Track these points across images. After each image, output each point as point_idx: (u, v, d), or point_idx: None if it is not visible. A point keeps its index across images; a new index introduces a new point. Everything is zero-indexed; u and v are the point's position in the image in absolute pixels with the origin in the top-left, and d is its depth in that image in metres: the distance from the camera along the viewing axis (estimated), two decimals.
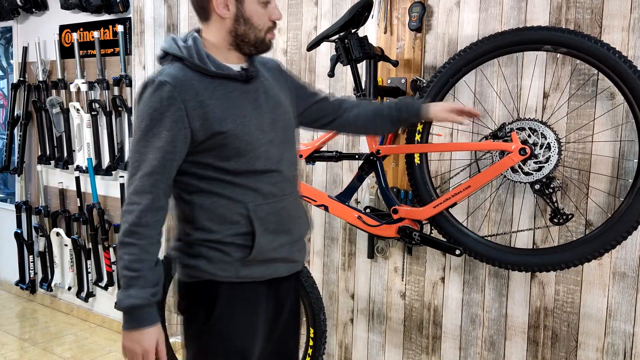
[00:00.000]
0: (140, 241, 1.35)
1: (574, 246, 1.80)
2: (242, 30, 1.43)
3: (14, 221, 4.06)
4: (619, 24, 1.88)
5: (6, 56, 4.28)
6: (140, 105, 1.38)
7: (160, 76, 1.37)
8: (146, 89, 1.38)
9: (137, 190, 1.35)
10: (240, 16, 1.42)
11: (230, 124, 1.39)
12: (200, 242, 1.44)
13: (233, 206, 1.42)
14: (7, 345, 3.40)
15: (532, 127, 1.80)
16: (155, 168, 1.35)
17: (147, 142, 1.36)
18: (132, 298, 1.34)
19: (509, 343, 2.18)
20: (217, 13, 1.41)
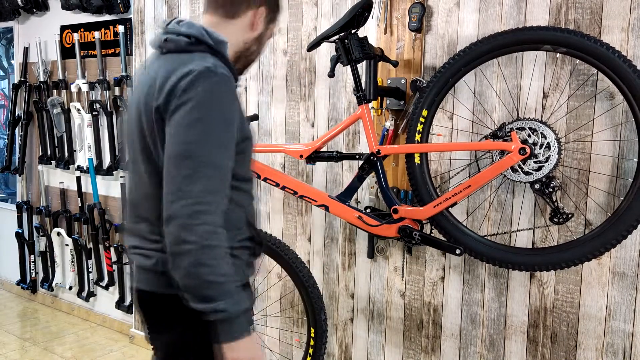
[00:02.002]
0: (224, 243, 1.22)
1: (574, 245, 1.81)
2: (254, 49, 1.44)
3: (15, 221, 4.07)
4: (619, 24, 1.88)
5: (7, 56, 4.28)
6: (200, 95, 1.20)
7: (218, 68, 1.25)
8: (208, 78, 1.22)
9: (214, 189, 1.20)
10: (260, 37, 1.43)
11: (249, 131, 1.36)
12: None
13: (237, 211, 1.36)
14: (8, 345, 3.41)
15: (532, 127, 1.81)
16: (227, 168, 1.24)
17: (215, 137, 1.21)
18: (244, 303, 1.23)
19: (509, 342, 2.19)
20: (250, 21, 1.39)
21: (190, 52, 1.29)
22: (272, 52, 2.75)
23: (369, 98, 2.10)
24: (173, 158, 1.21)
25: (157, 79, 1.26)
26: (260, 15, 1.40)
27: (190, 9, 3.05)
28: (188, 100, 1.21)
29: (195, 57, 1.27)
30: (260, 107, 2.81)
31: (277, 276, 2.80)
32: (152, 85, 1.27)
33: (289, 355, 2.80)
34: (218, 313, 1.19)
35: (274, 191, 2.79)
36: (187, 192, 1.18)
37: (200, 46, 1.30)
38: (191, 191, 1.18)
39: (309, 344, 2.33)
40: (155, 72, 1.29)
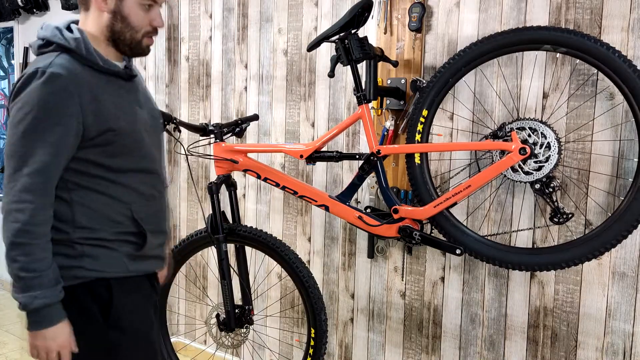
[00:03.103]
0: (36, 240, 1.30)
1: (574, 245, 1.81)
2: (119, 27, 1.42)
3: None
4: (619, 24, 1.88)
5: (7, 56, 4.28)
6: (25, 96, 1.31)
7: (51, 67, 1.31)
8: (34, 80, 1.30)
9: (27, 188, 1.29)
10: (117, 13, 1.41)
11: (122, 122, 1.39)
12: (82, 240, 1.40)
13: (116, 206, 1.43)
14: (8, 345, 3.40)
15: (532, 127, 1.81)
16: (47, 164, 1.31)
17: (36, 135, 1.29)
18: (42, 298, 1.30)
19: (509, 342, 2.19)
20: (95, 4, 1.40)
21: (42, 55, 1.39)
22: (272, 52, 2.75)
23: (369, 98, 2.10)
24: (4, 157, 1.35)
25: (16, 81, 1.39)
26: None
27: (191, 9, 3.05)
28: (16, 102, 1.32)
29: (40, 59, 1.36)
30: (260, 107, 2.81)
31: (277, 276, 2.80)
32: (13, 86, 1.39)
33: (289, 355, 2.80)
34: (19, 305, 1.32)
35: (274, 191, 2.79)
36: (8, 189, 1.31)
37: (50, 47, 1.38)
38: (11, 190, 1.31)
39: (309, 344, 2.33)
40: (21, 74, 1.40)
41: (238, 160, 2.21)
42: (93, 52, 1.39)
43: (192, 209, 3.16)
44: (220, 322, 2.32)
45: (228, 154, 2.22)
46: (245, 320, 2.32)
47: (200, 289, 3.14)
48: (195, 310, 3.20)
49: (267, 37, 2.77)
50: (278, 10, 2.71)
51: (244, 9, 2.84)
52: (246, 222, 2.87)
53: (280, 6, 2.70)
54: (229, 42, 2.92)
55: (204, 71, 3.03)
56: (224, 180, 2.26)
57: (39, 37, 1.41)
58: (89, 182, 1.39)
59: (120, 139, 1.39)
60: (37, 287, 1.30)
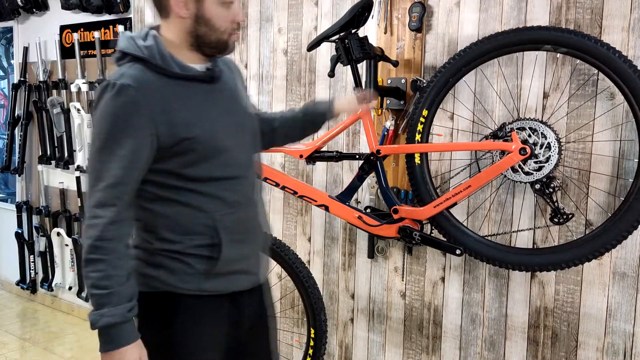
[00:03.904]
0: (107, 256, 1.26)
1: (574, 246, 1.80)
2: (203, 31, 1.35)
3: (15, 221, 4.06)
4: (619, 24, 1.88)
5: (7, 56, 4.28)
6: (99, 110, 1.28)
7: (121, 79, 1.27)
8: (105, 93, 1.28)
9: (100, 203, 1.26)
10: (200, 17, 1.33)
11: (197, 130, 1.32)
12: (162, 252, 1.36)
13: (197, 216, 1.35)
14: (8, 345, 3.40)
15: (533, 127, 1.80)
16: (119, 178, 1.27)
17: (109, 150, 1.27)
18: (107, 317, 1.25)
19: (509, 343, 2.18)
20: (175, 12, 1.32)
21: (119, 66, 1.35)
22: (272, 52, 2.75)
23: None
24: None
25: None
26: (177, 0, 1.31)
27: None
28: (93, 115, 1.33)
29: (115, 71, 1.34)
30: (260, 107, 2.80)
31: (277, 276, 2.80)
32: None
33: (289, 355, 2.80)
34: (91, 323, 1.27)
35: (274, 191, 2.79)
36: (87, 206, 1.29)
37: (126, 58, 1.35)
38: (88, 206, 1.29)
39: (308, 345, 2.33)
40: None
41: None
42: (169, 59, 1.32)
43: None
44: None
45: None
46: None
47: None
48: None
49: (267, 37, 2.76)
50: (278, 10, 2.71)
51: (244, 9, 2.83)
52: None
53: (280, 6, 2.70)
54: None
55: None
56: None
57: (116, 49, 1.37)
58: (170, 193, 1.34)
59: (198, 147, 1.32)
60: (105, 305, 1.25)
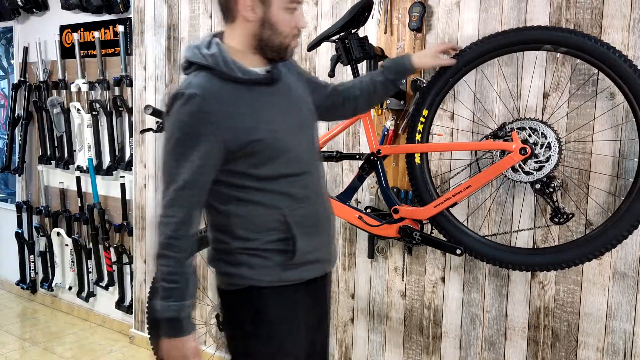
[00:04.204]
0: (177, 254, 1.37)
1: (575, 245, 1.81)
2: (267, 35, 1.41)
3: (15, 221, 4.06)
4: (619, 24, 1.88)
5: (7, 56, 4.28)
6: (171, 118, 1.38)
7: (189, 88, 1.35)
8: (176, 102, 1.36)
9: (172, 204, 1.37)
10: (266, 21, 1.40)
11: (262, 132, 1.39)
12: (240, 250, 1.44)
13: (269, 213, 1.43)
14: (8, 345, 3.40)
15: (533, 127, 1.80)
16: (189, 182, 1.36)
17: (180, 155, 1.36)
18: (172, 311, 1.37)
19: (509, 343, 2.18)
20: (242, 15, 1.39)
21: (186, 75, 1.43)
22: None
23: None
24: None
25: None
26: (248, 4, 1.38)
27: (190, 8, 3.05)
28: (165, 123, 1.41)
29: (184, 80, 1.42)
30: None
31: None
32: None
33: None
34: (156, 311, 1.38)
35: None
36: (160, 206, 1.39)
37: (192, 67, 1.42)
38: (161, 205, 1.39)
39: None
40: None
41: None
42: (232, 65, 1.39)
43: None
44: (220, 323, 2.32)
45: None
46: None
47: (199, 289, 3.14)
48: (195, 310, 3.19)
49: None
50: None
51: None
52: None
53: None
54: None
55: None
56: None
57: (183, 58, 1.46)
58: (242, 193, 1.42)
59: (263, 148, 1.39)
60: (170, 297, 1.37)
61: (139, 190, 3.32)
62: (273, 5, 1.39)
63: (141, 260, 3.34)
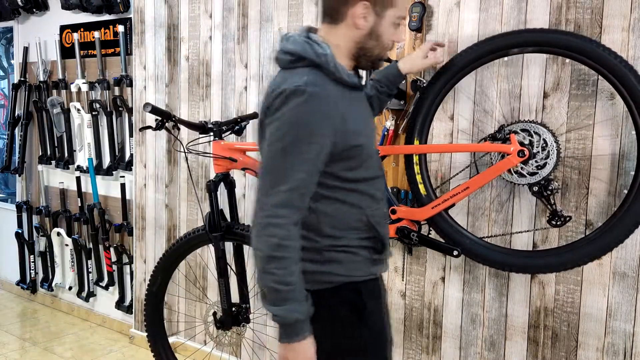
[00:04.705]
0: (292, 254, 1.33)
1: (573, 248, 1.80)
2: (371, 45, 1.42)
3: (15, 221, 4.06)
4: (619, 24, 1.88)
5: (7, 56, 4.28)
6: (285, 114, 1.31)
7: (309, 86, 1.31)
8: (293, 97, 1.31)
9: (284, 204, 1.32)
10: (374, 31, 1.40)
11: (363, 137, 1.41)
12: (329, 247, 1.44)
13: (354, 212, 1.44)
14: (8, 345, 3.40)
15: (531, 129, 1.80)
16: (304, 182, 1.33)
17: (295, 154, 1.31)
18: (297, 313, 1.33)
19: (509, 343, 2.18)
20: (352, 21, 1.38)
21: (292, 69, 1.37)
22: (272, 52, 2.75)
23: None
24: (259, 171, 1.37)
25: (266, 95, 1.40)
26: (362, 12, 1.37)
27: (190, 8, 3.05)
28: (276, 118, 1.33)
29: (294, 75, 1.35)
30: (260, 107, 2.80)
31: None
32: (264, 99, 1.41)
33: None
34: (275, 317, 1.34)
35: None
36: (263, 204, 1.33)
37: (302, 62, 1.37)
38: (266, 204, 1.32)
39: None
40: (269, 86, 1.41)
41: (237, 158, 2.21)
42: (339, 68, 1.38)
43: (192, 209, 3.16)
44: (217, 321, 2.32)
45: (227, 152, 2.21)
46: (242, 319, 2.32)
47: (199, 288, 3.14)
48: (195, 309, 3.20)
49: (267, 37, 2.76)
50: (278, 10, 2.71)
51: (244, 9, 2.83)
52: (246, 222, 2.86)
53: (280, 6, 2.70)
54: (229, 41, 2.91)
55: (204, 71, 3.03)
56: (222, 178, 2.26)
57: (286, 51, 1.39)
58: (331, 192, 1.42)
59: (360, 153, 1.41)
60: (291, 300, 1.33)
61: (139, 190, 3.32)
62: (385, 18, 1.40)
63: (141, 260, 3.34)
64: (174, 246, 2.39)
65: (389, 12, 1.40)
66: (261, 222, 1.33)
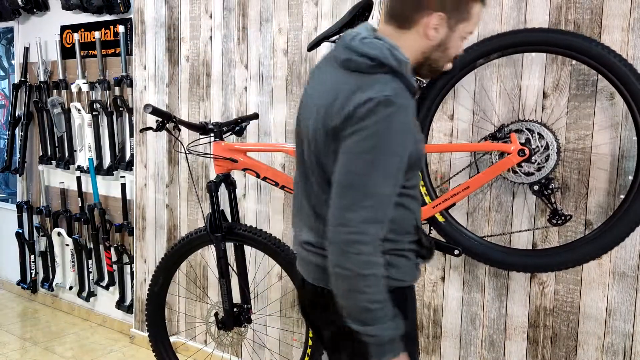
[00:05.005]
0: (380, 271, 1.27)
1: (574, 247, 1.81)
2: (437, 56, 1.38)
3: (15, 221, 4.07)
4: (619, 24, 1.88)
5: (7, 56, 4.29)
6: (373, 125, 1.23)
7: (398, 97, 1.25)
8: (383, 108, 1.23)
9: (371, 220, 1.25)
10: (443, 44, 1.36)
11: (421, 145, 1.40)
12: (390, 252, 1.39)
13: (409, 217, 1.43)
14: (9, 345, 3.41)
15: (531, 128, 1.81)
16: (389, 197, 1.28)
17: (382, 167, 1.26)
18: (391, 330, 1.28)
19: (509, 342, 2.19)
20: (423, 31, 1.33)
21: (370, 75, 1.29)
22: (272, 52, 2.75)
23: None
24: (339, 185, 1.27)
25: (339, 98, 1.28)
26: (435, 23, 1.32)
27: (190, 9, 3.05)
28: (362, 128, 1.24)
29: (377, 81, 1.27)
30: (260, 107, 2.81)
31: (277, 276, 2.81)
32: (333, 100, 1.29)
33: (289, 355, 2.80)
34: (369, 337, 1.26)
35: (274, 191, 2.79)
36: (347, 220, 1.24)
37: (382, 68, 1.29)
38: (351, 220, 1.24)
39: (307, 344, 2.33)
40: (336, 87, 1.31)
41: (237, 159, 2.21)
42: (411, 76, 1.34)
43: (192, 209, 3.16)
44: (219, 321, 2.32)
45: (227, 152, 2.22)
46: (243, 319, 2.32)
47: (200, 288, 3.14)
48: (196, 309, 3.20)
49: (267, 37, 2.77)
50: (278, 10, 2.71)
51: (244, 9, 2.84)
52: (246, 222, 2.87)
53: (280, 6, 2.70)
54: (229, 42, 2.92)
55: (204, 71, 3.03)
56: (223, 179, 2.26)
57: (366, 54, 1.30)
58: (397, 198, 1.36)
59: (420, 162, 1.40)
60: (384, 317, 1.27)
61: (140, 190, 3.32)
62: (456, 32, 1.35)
63: (141, 260, 3.35)
64: (176, 247, 2.40)
65: (461, 26, 1.36)
66: (346, 238, 1.25)
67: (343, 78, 1.32)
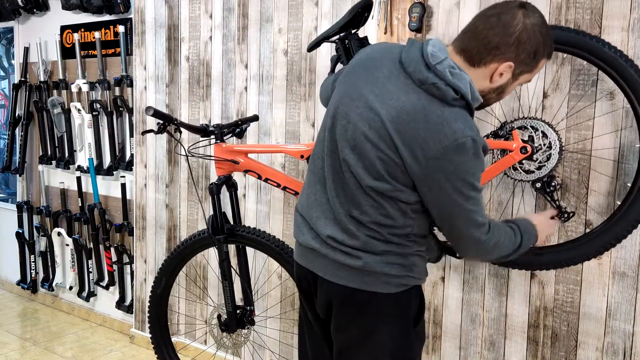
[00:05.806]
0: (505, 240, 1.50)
1: (574, 245, 1.81)
2: (491, 96, 1.46)
3: (16, 221, 4.07)
4: (619, 24, 1.88)
5: (7, 56, 4.29)
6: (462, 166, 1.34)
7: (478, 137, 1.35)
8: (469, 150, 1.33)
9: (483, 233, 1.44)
10: (502, 89, 1.44)
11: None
12: (415, 253, 1.52)
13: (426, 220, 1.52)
14: (9, 345, 3.41)
15: (534, 126, 1.81)
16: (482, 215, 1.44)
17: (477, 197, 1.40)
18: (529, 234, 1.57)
19: (509, 342, 2.19)
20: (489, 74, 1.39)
21: (452, 106, 1.35)
22: (272, 52, 2.75)
23: None
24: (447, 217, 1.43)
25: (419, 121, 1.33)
26: (504, 70, 1.38)
27: (190, 9, 3.05)
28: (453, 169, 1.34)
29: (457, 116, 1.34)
30: (260, 107, 2.81)
31: (278, 277, 2.81)
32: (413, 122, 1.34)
33: (289, 355, 2.80)
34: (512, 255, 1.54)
35: (274, 191, 2.79)
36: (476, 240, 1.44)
37: (461, 101, 1.36)
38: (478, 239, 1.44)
39: None
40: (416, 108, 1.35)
41: (239, 160, 2.21)
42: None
43: (192, 209, 3.16)
44: (222, 323, 2.32)
45: (229, 154, 2.21)
46: (246, 321, 2.32)
47: (200, 288, 3.14)
48: (196, 310, 3.20)
49: (267, 37, 2.77)
50: (278, 10, 2.71)
51: (244, 9, 2.84)
52: (246, 223, 2.87)
53: (280, 6, 2.70)
54: (229, 42, 2.92)
55: (204, 71, 3.03)
56: (224, 181, 2.26)
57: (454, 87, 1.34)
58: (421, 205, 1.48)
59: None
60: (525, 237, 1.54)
61: (139, 190, 3.32)
62: (518, 80, 1.43)
63: (141, 260, 3.35)
64: (178, 249, 2.40)
65: (524, 76, 1.43)
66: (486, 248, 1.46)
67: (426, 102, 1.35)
